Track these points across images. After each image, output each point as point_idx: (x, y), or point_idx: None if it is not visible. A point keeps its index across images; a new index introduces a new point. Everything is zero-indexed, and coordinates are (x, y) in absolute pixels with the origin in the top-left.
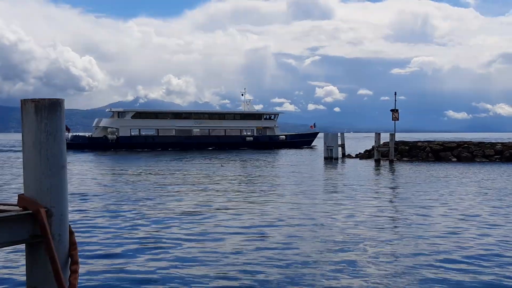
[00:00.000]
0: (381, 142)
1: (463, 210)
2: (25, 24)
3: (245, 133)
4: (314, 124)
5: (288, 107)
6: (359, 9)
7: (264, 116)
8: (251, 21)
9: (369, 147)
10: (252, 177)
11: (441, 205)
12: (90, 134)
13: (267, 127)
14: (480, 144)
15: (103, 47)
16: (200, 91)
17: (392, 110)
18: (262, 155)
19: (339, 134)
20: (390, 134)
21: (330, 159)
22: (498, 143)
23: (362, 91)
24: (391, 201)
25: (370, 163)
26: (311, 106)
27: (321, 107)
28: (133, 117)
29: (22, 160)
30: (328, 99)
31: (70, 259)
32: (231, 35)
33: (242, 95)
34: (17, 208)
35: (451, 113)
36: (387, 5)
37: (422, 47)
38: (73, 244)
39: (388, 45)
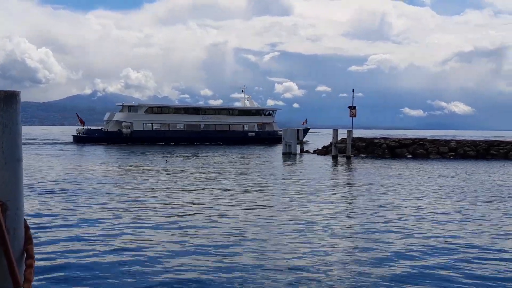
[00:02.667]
0: (339, 138)
1: (416, 206)
2: None
3: (247, 129)
4: (306, 120)
5: (247, 102)
6: (319, 6)
7: (264, 112)
8: (211, 16)
9: (327, 143)
10: (211, 173)
11: (394, 200)
12: (102, 127)
13: (266, 123)
14: (435, 141)
15: (60, 39)
16: (159, 85)
17: (349, 107)
18: (239, 149)
19: (297, 130)
20: (347, 130)
21: (289, 155)
22: (453, 140)
23: (320, 88)
24: (345, 196)
25: (328, 159)
26: (270, 102)
27: (281, 103)
28: (146, 111)
29: None
30: (287, 95)
31: (25, 254)
32: (191, 29)
33: (242, 91)
34: None
35: (407, 110)
36: (346, 2)
37: (380, 44)
38: (28, 239)
39: (346, 42)
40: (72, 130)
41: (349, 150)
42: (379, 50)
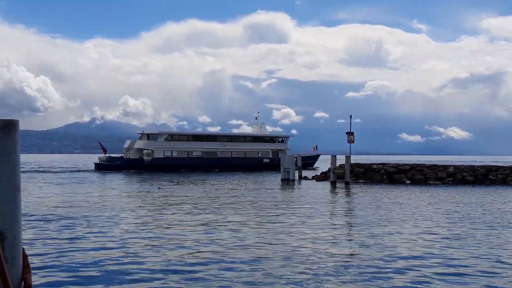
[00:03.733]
0: (337, 164)
1: (416, 232)
2: None
3: (261, 155)
4: (316, 146)
5: (246, 129)
6: (314, 33)
7: (278, 139)
8: (207, 44)
9: (326, 169)
10: (208, 199)
11: (392, 225)
12: (121, 155)
13: (280, 149)
14: (433, 167)
15: (58, 67)
16: (157, 112)
17: (347, 133)
18: (253, 176)
19: (295, 156)
20: (345, 156)
21: (287, 181)
22: (451, 165)
23: (318, 114)
24: (345, 222)
25: (326, 185)
26: (268, 128)
27: (278, 129)
28: (166, 139)
29: None
30: (285, 121)
31: (23, 283)
32: (188, 57)
33: (256, 118)
34: None
35: (404, 136)
36: (341, 29)
37: (376, 71)
38: (26, 267)
39: (343, 69)
40: (72, 158)
41: (348, 176)
42: (376, 77)
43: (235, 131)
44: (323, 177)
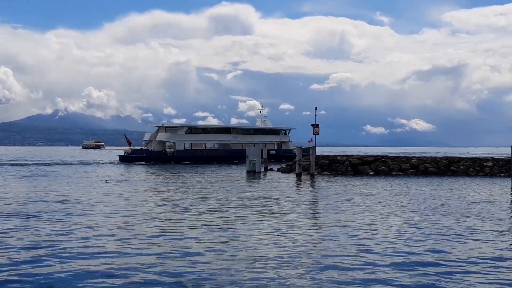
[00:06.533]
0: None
1: (376, 222)
2: None
3: (268, 147)
4: (312, 139)
5: (212, 121)
6: (279, 25)
7: (282, 132)
8: (172, 35)
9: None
10: (173, 192)
11: (353, 217)
12: (141, 147)
13: (283, 141)
14: (396, 158)
15: (20, 58)
16: (121, 104)
17: (312, 125)
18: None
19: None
20: (311, 148)
21: (253, 173)
22: (414, 157)
23: (283, 106)
24: (309, 213)
25: (292, 176)
26: (234, 120)
27: (244, 121)
28: (186, 132)
29: None
30: (251, 113)
31: None
32: (152, 49)
33: (260, 112)
34: None
35: (369, 127)
36: (305, 22)
37: (340, 63)
38: None
39: (307, 61)
40: (32, 150)
41: (313, 167)
42: (340, 69)
43: (200, 122)
44: (288, 169)
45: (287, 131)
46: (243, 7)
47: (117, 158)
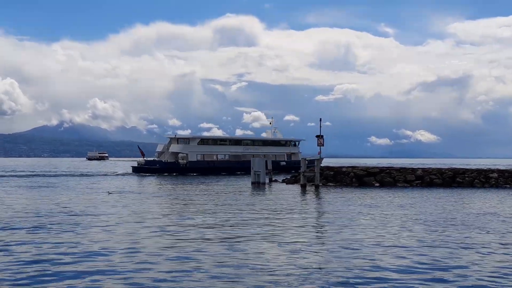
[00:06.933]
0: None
1: (384, 234)
2: None
3: (278, 159)
4: (320, 150)
5: (217, 132)
6: (283, 37)
7: (291, 143)
8: (177, 47)
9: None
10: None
11: (358, 228)
12: (154, 158)
13: (293, 153)
14: (402, 170)
15: (26, 70)
16: (126, 115)
17: (317, 136)
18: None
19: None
20: (316, 159)
21: (258, 184)
22: (419, 168)
23: (288, 117)
24: (313, 225)
25: (296, 188)
26: (239, 132)
27: (249, 132)
28: (198, 143)
29: None
30: (256, 125)
31: None
32: (157, 60)
33: (270, 123)
34: None
35: (374, 139)
36: (310, 33)
37: (345, 74)
38: None
39: (312, 73)
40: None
41: (318, 179)
42: (344, 80)
43: (205, 133)
44: (293, 180)
45: (297, 143)
46: (248, 18)
47: (130, 169)
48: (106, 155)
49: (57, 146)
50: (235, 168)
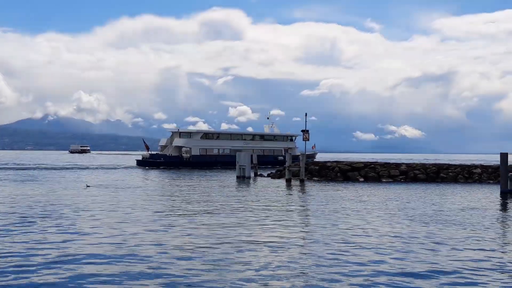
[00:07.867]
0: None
1: (367, 227)
2: None
3: (276, 153)
4: (314, 145)
5: (202, 126)
6: (269, 31)
7: (288, 138)
8: (163, 40)
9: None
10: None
11: (344, 223)
12: (157, 152)
13: (290, 148)
14: (386, 165)
15: (10, 62)
16: (112, 108)
17: (302, 131)
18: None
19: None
20: (301, 154)
21: (243, 178)
22: (403, 164)
23: (274, 112)
24: (298, 219)
25: (282, 182)
26: (224, 126)
27: (235, 126)
28: (201, 137)
29: None
30: (242, 119)
31: None
32: (143, 53)
33: (268, 118)
34: None
35: (359, 134)
36: (296, 28)
37: (331, 69)
38: None
39: (298, 67)
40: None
41: (303, 173)
42: (330, 75)
43: (190, 127)
44: (278, 175)
45: (294, 138)
46: (234, 12)
47: (135, 163)
48: (88, 148)
49: (41, 139)
50: (234, 162)
